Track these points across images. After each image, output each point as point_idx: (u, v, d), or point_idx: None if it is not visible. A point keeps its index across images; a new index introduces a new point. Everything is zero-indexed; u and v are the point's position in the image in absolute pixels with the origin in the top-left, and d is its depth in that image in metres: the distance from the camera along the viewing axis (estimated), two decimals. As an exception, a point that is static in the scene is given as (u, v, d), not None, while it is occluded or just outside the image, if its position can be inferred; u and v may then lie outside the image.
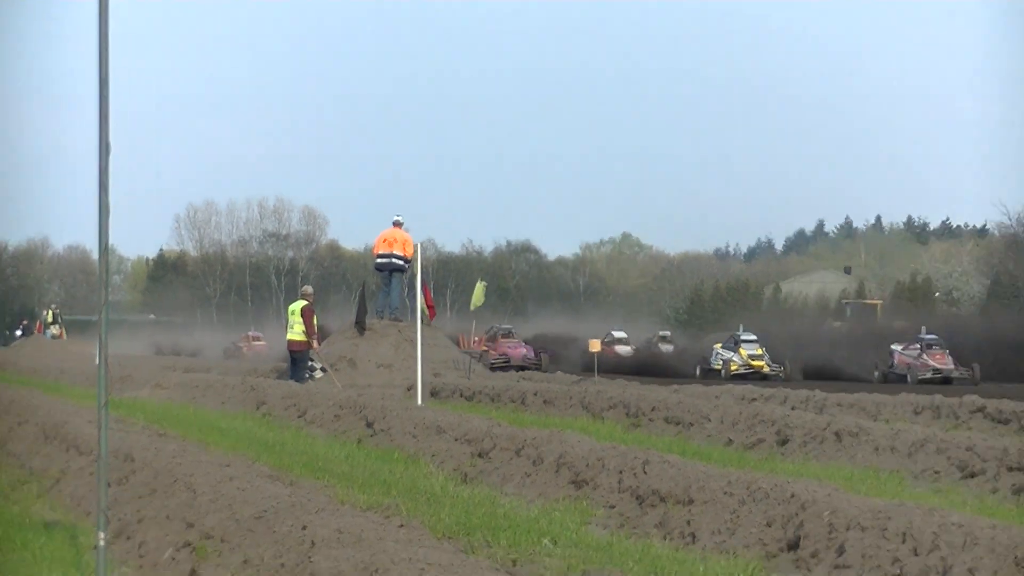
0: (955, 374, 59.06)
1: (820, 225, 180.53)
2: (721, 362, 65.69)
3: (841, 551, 12.28)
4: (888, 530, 12.15)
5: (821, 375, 60.09)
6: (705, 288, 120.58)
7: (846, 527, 12.58)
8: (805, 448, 21.67)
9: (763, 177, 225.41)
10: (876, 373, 62.07)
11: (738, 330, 69.36)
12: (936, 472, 18.72)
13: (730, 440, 23.23)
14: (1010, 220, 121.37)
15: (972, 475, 18.22)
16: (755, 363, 64.33)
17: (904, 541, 11.87)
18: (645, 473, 16.53)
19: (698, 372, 65.33)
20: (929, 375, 58.97)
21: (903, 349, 62.18)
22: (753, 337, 67.35)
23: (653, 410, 27.42)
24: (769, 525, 13.63)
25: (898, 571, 11.51)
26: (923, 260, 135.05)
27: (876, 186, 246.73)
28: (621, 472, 16.88)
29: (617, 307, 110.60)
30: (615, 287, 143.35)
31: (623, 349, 79.82)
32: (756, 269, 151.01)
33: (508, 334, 70.40)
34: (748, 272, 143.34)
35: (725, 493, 14.80)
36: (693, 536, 14.02)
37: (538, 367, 62.73)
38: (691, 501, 15.06)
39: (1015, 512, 15.05)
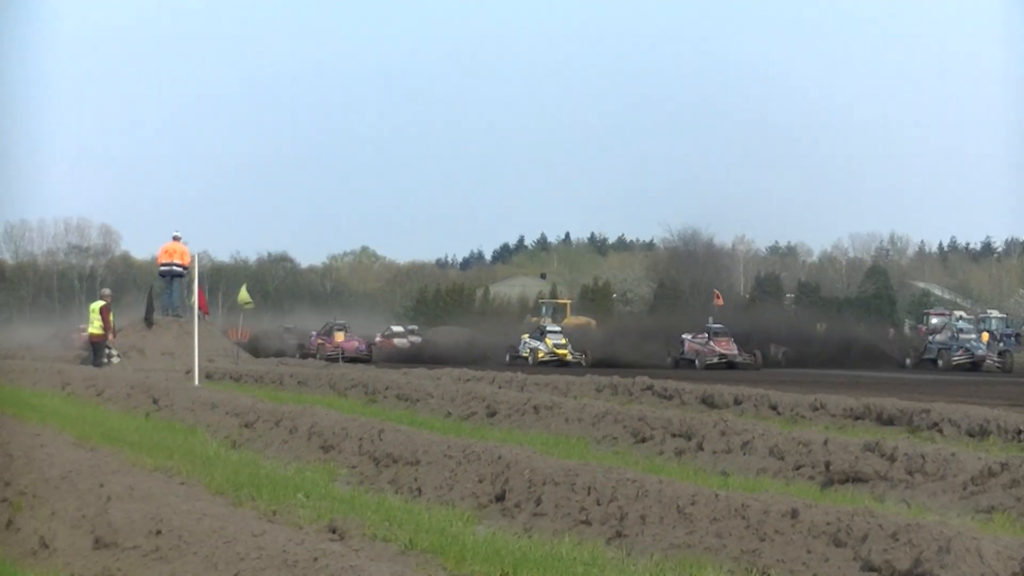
0: (739, 359, 55.68)
1: (521, 239, 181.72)
2: (529, 350, 60.08)
3: (539, 502, 12.38)
4: (576, 484, 12.27)
5: (617, 363, 54.35)
6: (428, 291, 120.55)
7: (543, 482, 12.68)
8: (510, 419, 21.84)
9: (475, 198, 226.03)
10: (669, 359, 57.76)
11: (544, 323, 65.42)
12: (614, 438, 18.94)
13: (449, 413, 23.33)
14: (672, 236, 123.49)
15: (643, 440, 18.46)
16: (560, 352, 59.22)
17: (589, 493, 12.00)
18: (381, 440, 16.54)
19: (508, 359, 59.44)
20: (715, 360, 55.45)
21: (692, 337, 58.39)
22: (558, 328, 62.98)
23: (387, 389, 27.61)
24: (481, 481, 13.68)
25: (584, 518, 11.64)
26: (603, 268, 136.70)
27: (566, 206, 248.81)
28: (361, 439, 16.87)
29: (358, 307, 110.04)
30: (356, 290, 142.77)
31: (400, 342, 78.31)
32: (470, 275, 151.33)
33: (342, 329, 65.67)
34: (463, 278, 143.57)
35: (445, 455, 14.83)
36: (420, 490, 14.02)
37: (368, 359, 59.32)
38: (418, 462, 15.08)
39: (677, 469, 15.27)
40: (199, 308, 34.20)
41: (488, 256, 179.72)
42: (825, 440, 15.94)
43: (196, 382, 29.77)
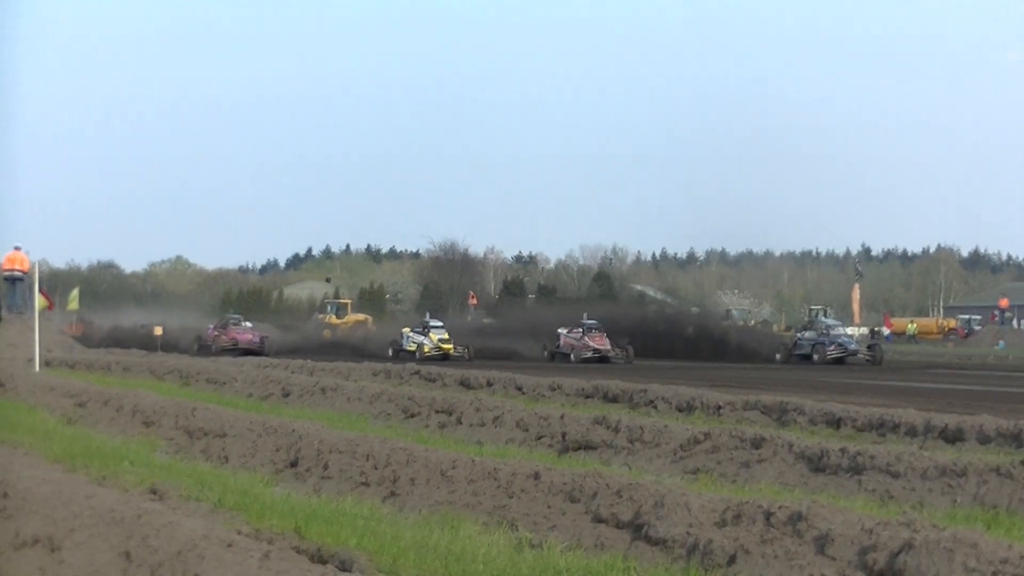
0: (611, 354, 48.68)
1: (309, 249, 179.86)
2: (414, 345, 51.30)
3: (326, 467, 12.33)
4: (357, 452, 12.26)
5: (497, 356, 49.88)
6: (232, 293, 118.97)
7: (329, 451, 12.65)
8: (301, 399, 21.70)
9: (271, 213, 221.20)
10: (545, 353, 50.94)
11: (425, 317, 56.39)
12: (388, 414, 18.89)
13: (251, 394, 23.14)
14: (434, 247, 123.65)
15: (412, 416, 18.45)
16: (444, 346, 50.71)
17: (368, 460, 11.99)
18: (193, 416, 16.36)
19: (391, 353, 51.39)
20: (590, 355, 48.38)
21: (568, 332, 50.91)
22: (440, 323, 53.89)
23: (199, 374, 27.32)
24: (278, 450, 13.58)
25: (364, 480, 11.64)
26: (378, 273, 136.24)
27: (346, 221, 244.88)
28: (177, 416, 16.64)
29: (174, 307, 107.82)
30: (172, 292, 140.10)
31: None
32: (266, 279, 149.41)
33: (238, 322, 57.38)
34: (261, 281, 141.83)
35: (248, 429, 14.73)
36: (226, 458, 13.86)
37: (261, 351, 51.41)
38: (225, 435, 14.93)
39: (440, 440, 15.31)
40: (46, 304, 33.52)
41: (282, 263, 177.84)
42: (562, 415, 16.18)
43: (37, 369, 29.02)
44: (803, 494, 10.16)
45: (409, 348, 51.43)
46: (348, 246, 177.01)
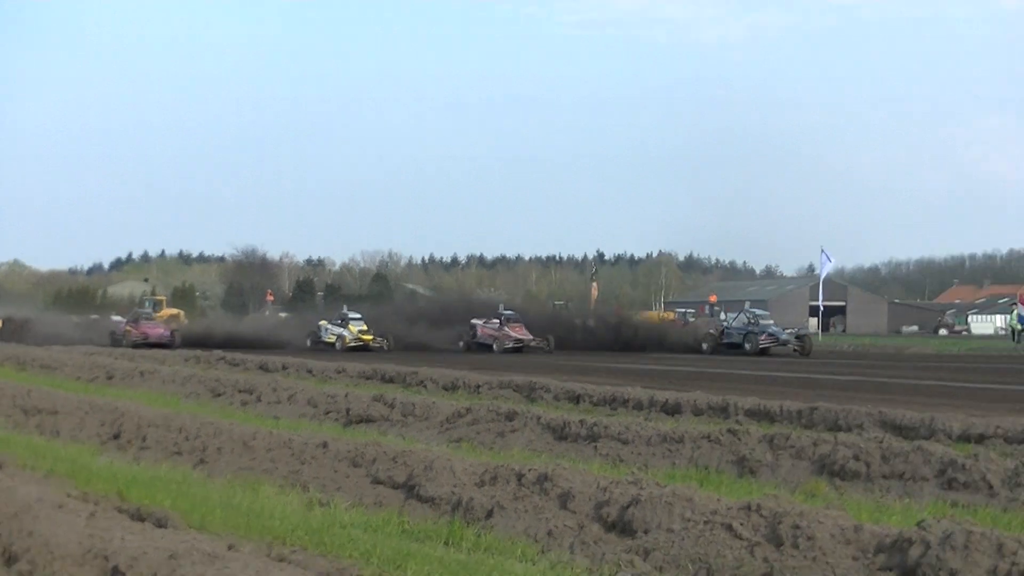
0: (532, 343, 43.32)
1: (130, 254, 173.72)
2: (335, 336, 44.72)
3: (145, 439, 12.09)
4: (171, 426, 12.08)
5: (414, 347, 44.41)
6: (63, 291, 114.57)
7: (148, 425, 12.43)
8: (124, 381, 21.24)
9: (98, 219, 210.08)
10: (461, 343, 44.90)
11: (343, 310, 48.54)
12: (198, 394, 18.50)
13: (79, 377, 22.63)
14: (237, 251, 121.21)
15: (219, 395, 18.15)
16: (365, 337, 44.25)
17: (180, 432, 11.81)
18: (29, 396, 15.81)
19: (309, 344, 44.85)
20: (511, 344, 42.94)
21: (485, 323, 45.07)
22: (359, 315, 46.67)
23: (34, 360, 26.57)
24: (103, 425, 13.22)
25: (177, 450, 11.42)
26: (188, 274, 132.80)
27: (160, 228, 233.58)
28: (14, 396, 16.01)
29: (10, 304, 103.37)
30: (11, 291, 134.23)
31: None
32: (93, 280, 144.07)
33: (148, 317, 51.71)
34: (88, 282, 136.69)
35: (77, 407, 14.36)
36: (58, 432, 13.42)
37: (171, 344, 44.93)
38: (57, 412, 14.47)
39: (243, 415, 15.12)
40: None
41: (106, 265, 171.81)
42: (346, 393, 16.20)
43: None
44: (549, 459, 10.27)
45: (329, 340, 45.25)
46: (163, 251, 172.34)
